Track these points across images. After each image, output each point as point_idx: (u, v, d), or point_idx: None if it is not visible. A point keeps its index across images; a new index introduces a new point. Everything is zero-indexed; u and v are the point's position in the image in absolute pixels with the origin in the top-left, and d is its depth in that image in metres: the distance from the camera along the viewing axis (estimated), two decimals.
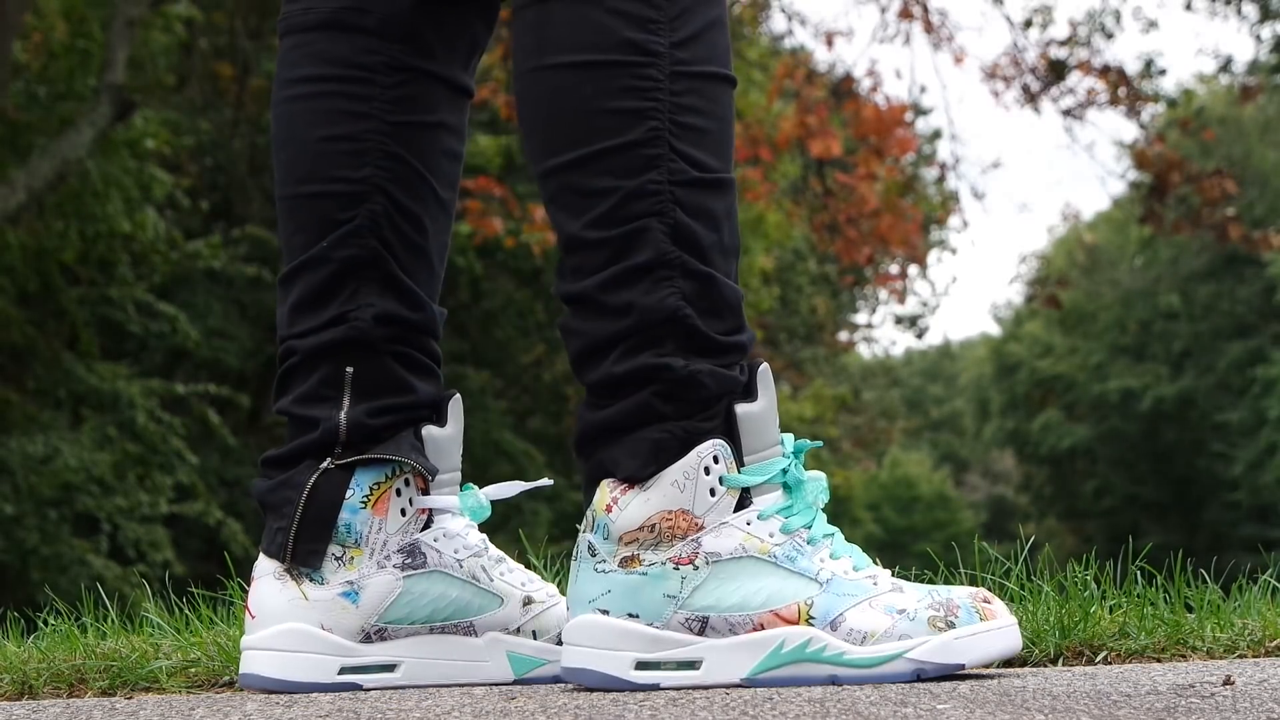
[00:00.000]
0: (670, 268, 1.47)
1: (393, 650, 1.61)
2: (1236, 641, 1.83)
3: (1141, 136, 12.02)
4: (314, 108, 1.64)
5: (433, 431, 1.63)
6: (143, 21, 10.44)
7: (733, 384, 1.48)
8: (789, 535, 1.48)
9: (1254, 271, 24.95)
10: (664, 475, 1.47)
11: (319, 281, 1.63)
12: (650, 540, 1.47)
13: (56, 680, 1.77)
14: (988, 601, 1.48)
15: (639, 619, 1.46)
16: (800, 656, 1.44)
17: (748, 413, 1.48)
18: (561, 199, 1.51)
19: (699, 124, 1.50)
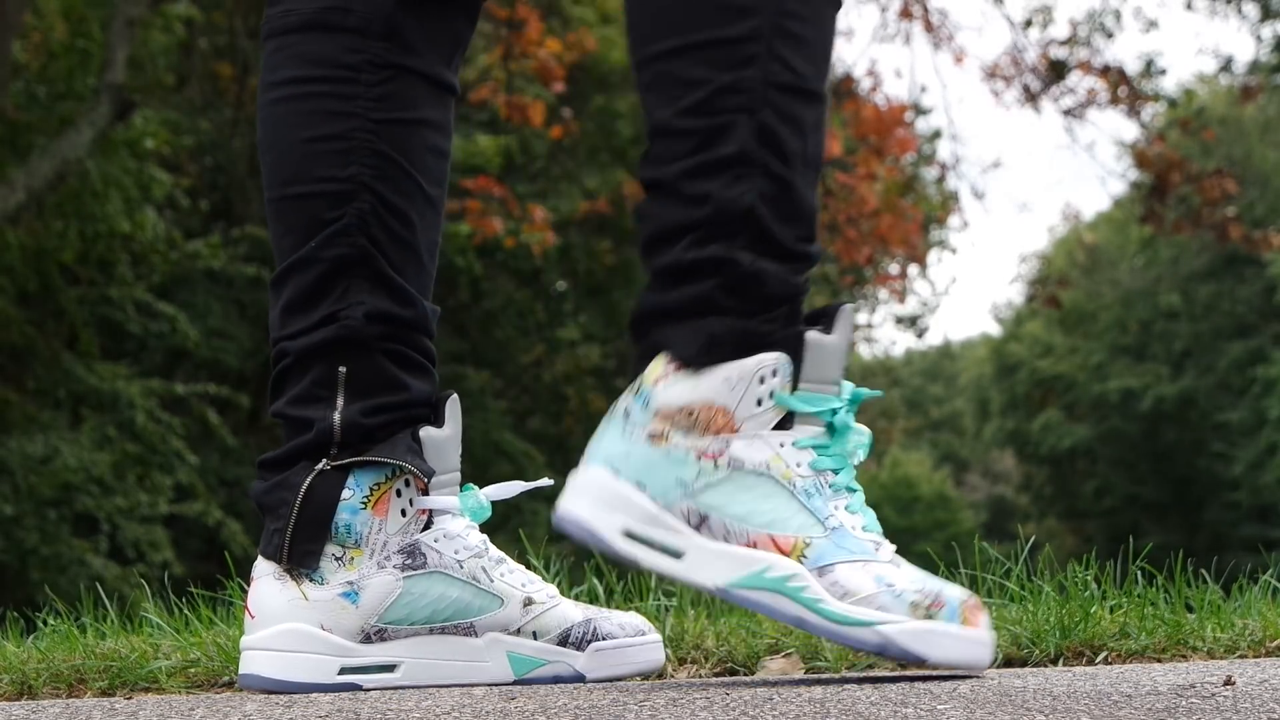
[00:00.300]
0: (752, 165, 1.47)
1: (392, 650, 1.61)
2: (1237, 642, 1.83)
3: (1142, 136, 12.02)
4: (299, 109, 1.65)
5: (430, 432, 1.63)
6: (142, 21, 10.44)
7: (795, 290, 1.48)
8: (815, 472, 1.47)
9: (1254, 271, 24.96)
10: (720, 369, 1.46)
11: (309, 282, 1.63)
12: (685, 424, 1.46)
13: (56, 680, 1.77)
14: (975, 609, 1.46)
15: (645, 491, 1.46)
16: (779, 588, 1.43)
17: (819, 342, 1.47)
18: (656, 85, 1.50)
19: (801, 32, 1.49)
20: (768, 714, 1.22)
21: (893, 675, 1.55)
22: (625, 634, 1.65)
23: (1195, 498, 27.03)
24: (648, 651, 1.66)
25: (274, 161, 1.66)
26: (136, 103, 10.40)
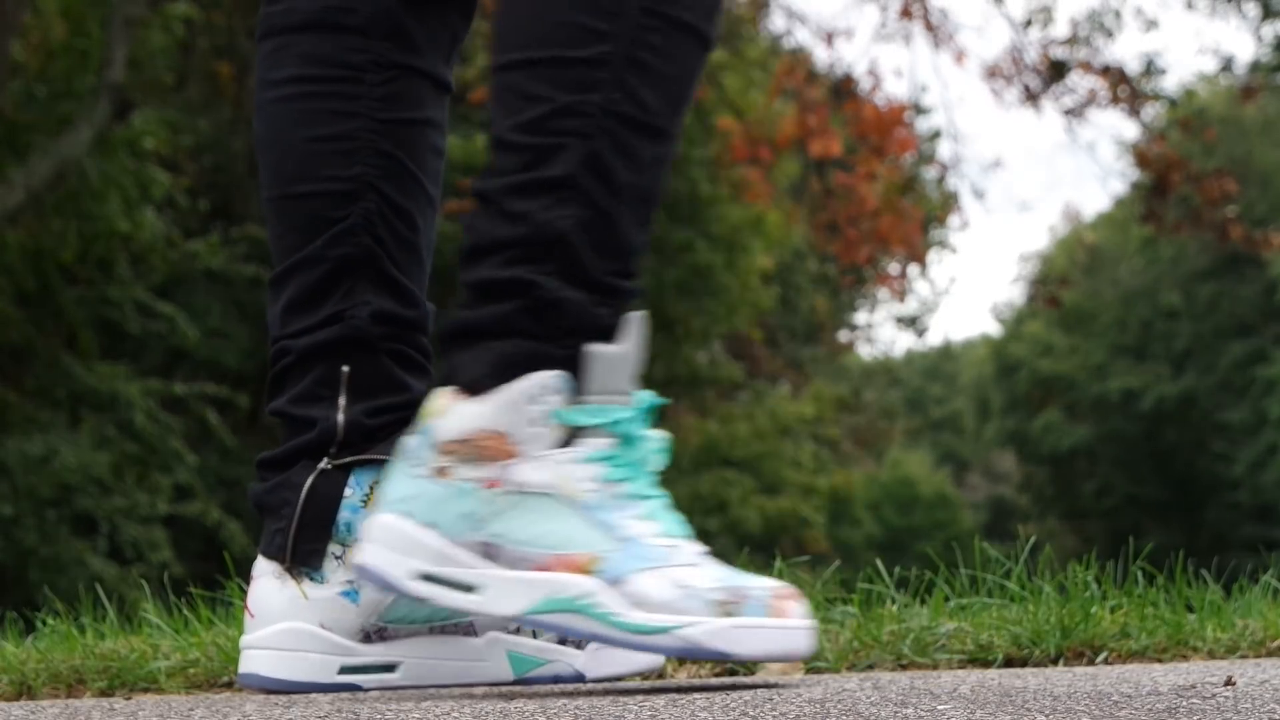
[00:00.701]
0: (575, 191, 1.45)
1: (393, 650, 1.59)
2: (1238, 642, 1.82)
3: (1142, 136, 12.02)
4: (302, 108, 1.65)
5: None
6: (141, 21, 10.45)
7: (596, 321, 1.45)
8: (603, 485, 1.44)
9: (1255, 271, 24.96)
10: (495, 394, 1.44)
11: (313, 281, 1.62)
12: (466, 455, 1.45)
13: (55, 681, 1.76)
14: (784, 598, 1.42)
15: (435, 530, 1.45)
16: (572, 607, 1.41)
17: (601, 352, 1.45)
18: (501, 96, 1.49)
19: (655, 65, 1.47)
20: (768, 714, 1.22)
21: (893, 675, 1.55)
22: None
23: (1196, 498, 27.03)
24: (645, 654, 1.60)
25: (275, 160, 1.66)
26: (135, 102, 10.41)
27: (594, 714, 1.24)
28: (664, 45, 1.47)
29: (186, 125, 12.85)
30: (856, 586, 2.00)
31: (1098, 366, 28.04)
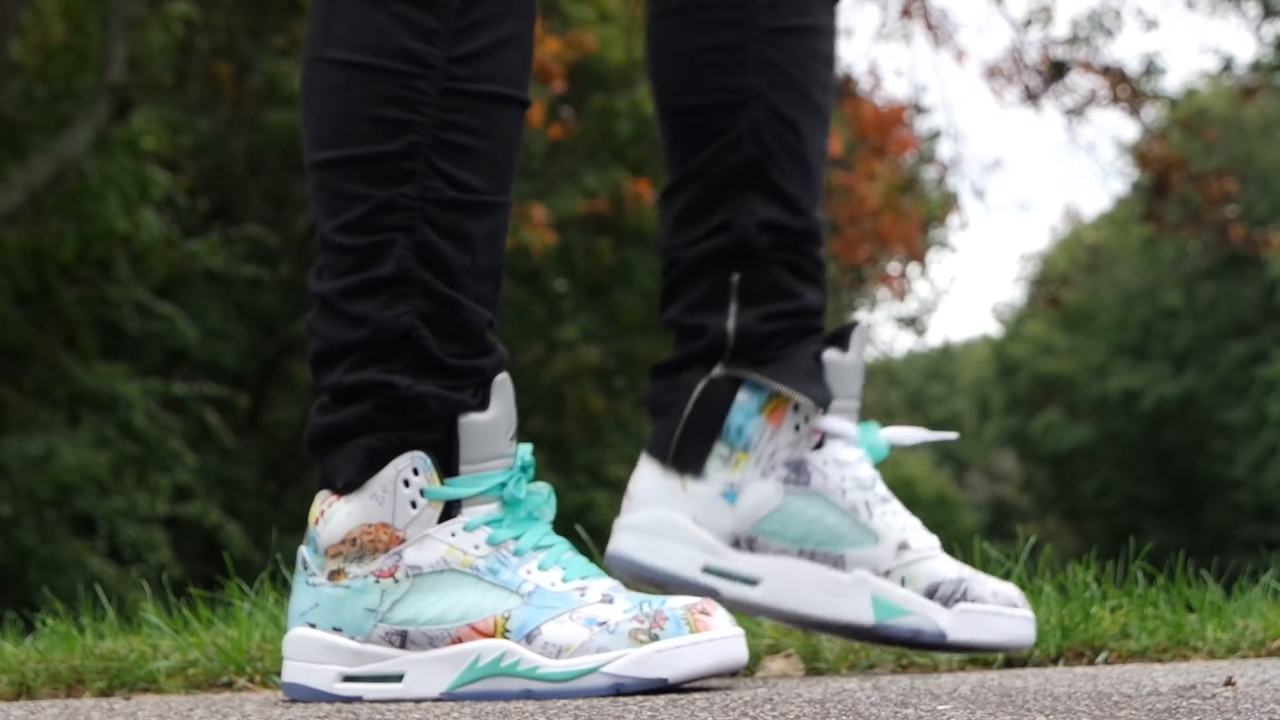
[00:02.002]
0: (411, 285, 1.45)
1: (759, 564, 1.60)
2: (1238, 642, 1.82)
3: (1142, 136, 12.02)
4: (691, 20, 1.66)
5: (834, 356, 1.64)
6: (141, 21, 10.44)
7: (458, 407, 1.46)
8: (494, 547, 1.45)
9: (1255, 271, 24.96)
10: (364, 489, 1.45)
11: (702, 191, 1.65)
12: (354, 553, 1.45)
13: (55, 681, 1.76)
14: (705, 613, 1.40)
15: (343, 633, 1.45)
16: (495, 670, 1.41)
17: (471, 422, 1.45)
18: (319, 196, 1.49)
19: (467, 143, 1.45)
20: (768, 714, 1.22)
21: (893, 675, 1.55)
22: (996, 601, 1.58)
23: (1196, 498, 27.03)
24: (1016, 625, 1.59)
25: (665, 72, 1.68)
26: (135, 102, 10.40)
27: (594, 714, 1.24)
28: (473, 121, 1.46)
29: (186, 125, 12.85)
30: None
31: (1098, 366, 28.03)
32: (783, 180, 1.64)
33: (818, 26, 1.66)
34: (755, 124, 1.63)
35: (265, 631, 1.86)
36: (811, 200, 1.66)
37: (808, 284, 1.65)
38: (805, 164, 1.65)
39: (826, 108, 1.68)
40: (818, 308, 1.64)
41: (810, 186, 1.66)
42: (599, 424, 13.73)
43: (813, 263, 1.65)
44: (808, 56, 1.65)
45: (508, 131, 1.48)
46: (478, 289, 1.48)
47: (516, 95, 1.49)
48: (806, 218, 1.65)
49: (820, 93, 1.66)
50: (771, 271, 1.63)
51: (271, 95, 13.37)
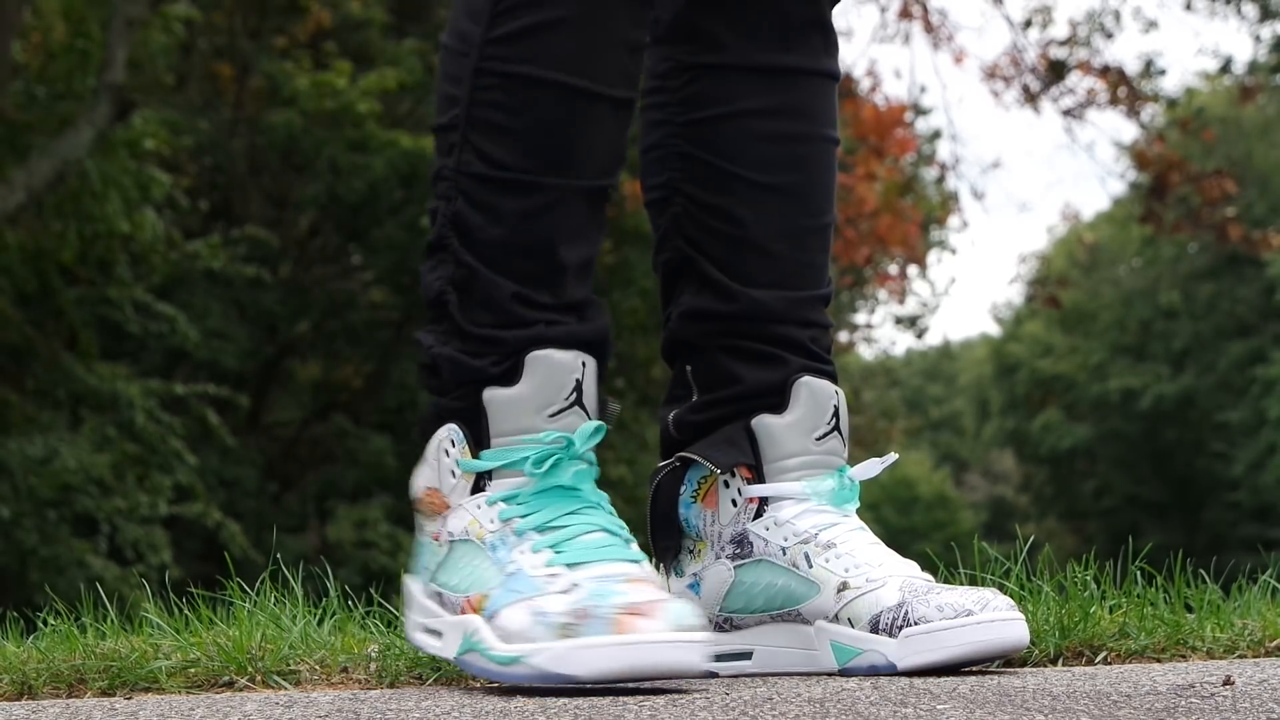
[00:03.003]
0: (445, 252, 1.53)
1: (745, 639, 1.63)
2: (1236, 642, 1.83)
3: (1141, 136, 12.02)
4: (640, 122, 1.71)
5: (765, 420, 1.63)
6: (142, 21, 10.44)
7: (474, 374, 1.49)
8: (503, 523, 1.48)
9: (1254, 271, 24.96)
10: (426, 453, 1.53)
11: (660, 287, 1.71)
12: (422, 512, 1.55)
13: (56, 680, 1.76)
14: (638, 614, 1.36)
15: (419, 583, 1.55)
16: (470, 646, 1.45)
17: (497, 396, 1.48)
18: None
19: (500, 121, 1.50)
20: (768, 714, 1.22)
21: (892, 675, 1.55)
22: (941, 616, 1.52)
23: (1195, 498, 27.02)
24: (970, 634, 1.50)
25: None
26: (136, 103, 10.40)
27: (594, 714, 1.24)
28: (506, 99, 1.50)
29: (187, 126, 12.85)
30: None
31: (1097, 366, 28.03)
32: (712, 268, 1.64)
33: (748, 110, 1.64)
34: (677, 218, 1.66)
35: (266, 631, 1.86)
36: (758, 280, 1.64)
37: (752, 364, 1.64)
38: (749, 245, 1.64)
39: (789, 184, 1.65)
40: (763, 388, 1.63)
41: (767, 265, 1.64)
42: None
43: (765, 341, 1.64)
44: (743, 140, 1.64)
45: (546, 114, 1.50)
46: (507, 262, 1.50)
47: (558, 79, 1.49)
48: (740, 300, 1.64)
49: (771, 171, 1.64)
50: (713, 358, 1.65)
51: (272, 96, 13.37)
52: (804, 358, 1.65)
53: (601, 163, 1.53)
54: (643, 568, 1.45)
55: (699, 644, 1.37)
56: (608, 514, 1.50)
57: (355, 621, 1.94)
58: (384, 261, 13.70)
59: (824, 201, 1.69)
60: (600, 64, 1.50)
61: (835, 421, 1.66)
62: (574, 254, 1.53)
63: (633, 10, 1.52)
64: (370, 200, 13.19)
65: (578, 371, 1.50)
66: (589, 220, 1.54)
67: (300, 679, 1.71)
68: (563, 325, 1.52)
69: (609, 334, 1.57)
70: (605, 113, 1.51)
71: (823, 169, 1.68)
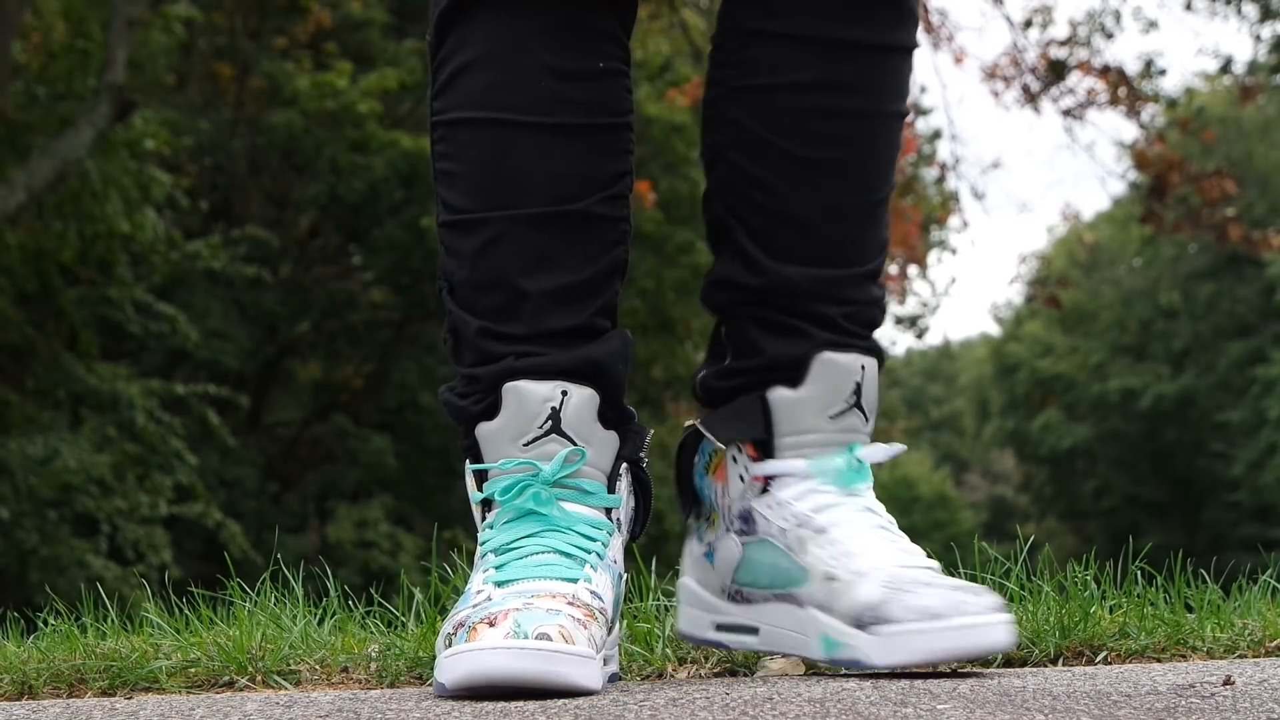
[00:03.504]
0: (442, 300, 1.61)
1: (753, 614, 1.63)
2: (1237, 641, 1.83)
3: (1141, 136, 12.02)
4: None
5: (779, 394, 1.61)
6: (142, 22, 10.45)
7: (463, 413, 1.57)
8: (481, 549, 1.55)
9: (1254, 271, 24.97)
10: None
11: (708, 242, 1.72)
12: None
13: (56, 680, 1.76)
14: (489, 623, 1.40)
15: None
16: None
17: (484, 430, 1.55)
18: None
19: (449, 168, 1.58)
20: (768, 714, 1.23)
21: (891, 675, 1.55)
22: (910, 618, 1.48)
23: (1195, 498, 27.03)
24: (936, 640, 1.46)
25: None
26: (136, 103, 10.41)
27: (594, 714, 1.24)
28: (449, 148, 1.58)
29: (187, 126, 12.86)
30: None
31: (1097, 366, 28.03)
32: (746, 238, 1.63)
33: (798, 83, 1.61)
34: (720, 182, 1.66)
35: (266, 631, 1.87)
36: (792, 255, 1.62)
37: (778, 337, 1.62)
38: (786, 220, 1.62)
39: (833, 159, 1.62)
40: (788, 360, 1.61)
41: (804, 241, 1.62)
42: None
43: (788, 315, 1.62)
44: (790, 113, 1.61)
45: (479, 151, 1.56)
46: (473, 301, 1.57)
47: (481, 116, 1.55)
48: (767, 275, 1.62)
49: (816, 146, 1.61)
50: (742, 326, 1.64)
51: (272, 96, 13.37)
52: (832, 333, 1.62)
53: (546, 190, 1.55)
54: (578, 585, 1.48)
55: (530, 651, 1.37)
56: (578, 535, 1.52)
57: (355, 621, 1.94)
58: (384, 261, 13.70)
59: (874, 177, 1.65)
60: (521, 95, 1.55)
61: (855, 399, 1.62)
62: (540, 283, 1.55)
63: (550, 39, 1.55)
64: (370, 200, 13.20)
65: (554, 400, 1.53)
66: (555, 247, 1.56)
67: (300, 679, 1.71)
68: (536, 356, 1.55)
69: (608, 358, 1.57)
70: (539, 141, 1.55)
71: (875, 145, 1.64)
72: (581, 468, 1.54)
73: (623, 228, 1.61)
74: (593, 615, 1.46)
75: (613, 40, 1.59)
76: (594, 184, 1.57)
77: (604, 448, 1.56)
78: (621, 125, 1.60)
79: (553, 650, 1.37)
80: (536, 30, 1.54)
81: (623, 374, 1.60)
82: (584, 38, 1.56)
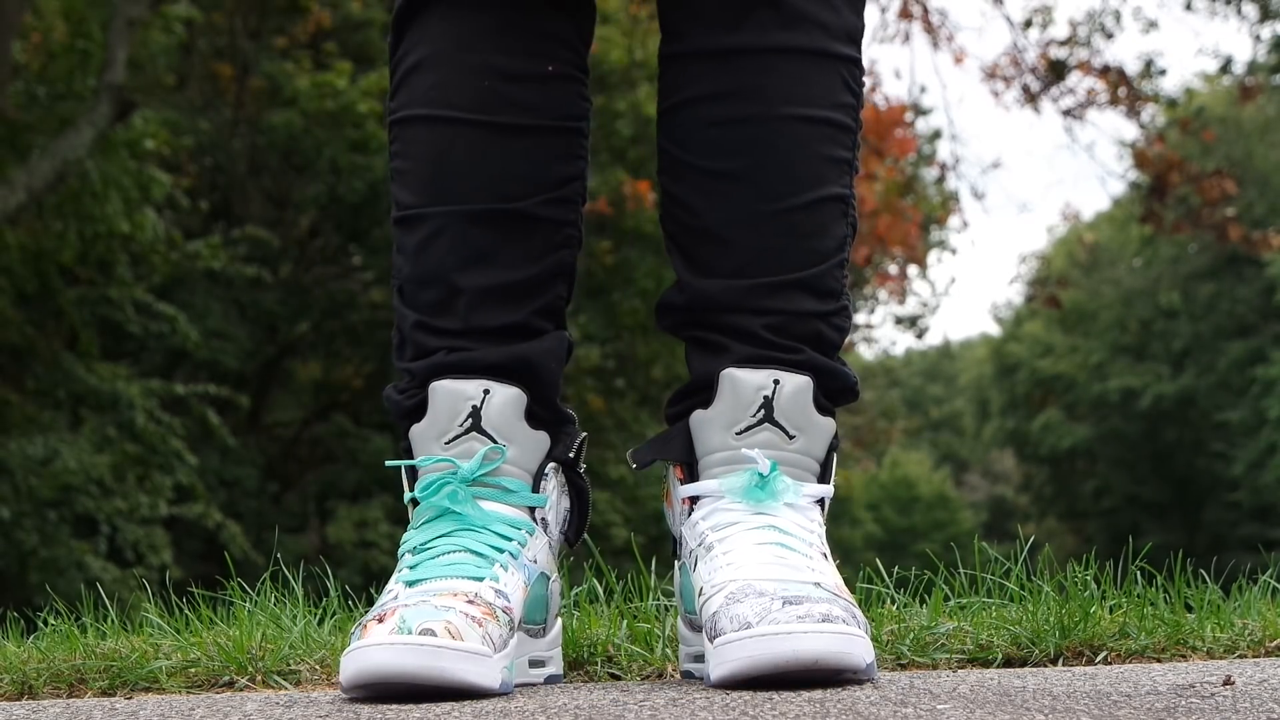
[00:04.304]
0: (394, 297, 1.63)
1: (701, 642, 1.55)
2: (1237, 641, 1.83)
3: (1141, 136, 12.02)
4: None
5: (697, 415, 1.57)
6: (142, 22, 10.45)
7: (400, 410, 1.58)
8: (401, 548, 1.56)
9: (1254, 271, 24.96)
10: None
11: None
12: None
13: (56, 680, 1.77)
14: (378, 620, 1.40)
15: None
16: None
17: (415, 430, 1.56)
18: None
19: (400, 166, 1.60)
20: (768, 714, 1.22)
21: (892, 675, 1.55)
22: (731, 628, 1.42)
23: (1195, 498, 27.03)
24: (744, 648, 1.39)
25: None
26: (136, 103, 10.41)
27: (594, 714, 1.24)
28: (399, 146, 1.61)
29: (187, 126, 12.86)
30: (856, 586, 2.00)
31: (1097, 366, 28.03)
32: (677, 257, 1.61)
33: (696, 96, 1.59)
34: (660, 207, 1.65)
35: (267, 631, 1.87)
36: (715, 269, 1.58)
37: (700, 355, 1.59)
38: (703, 234, 1.59)
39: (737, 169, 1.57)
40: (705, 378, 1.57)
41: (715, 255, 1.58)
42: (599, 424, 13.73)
43: (707, 330, 1.59)
44: (693, 127, 1.59)
45: (425, 148, 1.58)
46: (415, 295, 1.59)
47: (426, 113, 1.57)
48: (687, 291, 1.59)
49: (718, 157, 1.58)
50: (686, 348, 1.62)
51: (272, 96, 13.37)
52: (754, 346, 1.56)
53: (487, 188, 1.56)
54: (482, 584, 1.47)
55: (413, 647, 1.37)
56: (493, 534, 1.52)
57: (355, 621, 1.94)
58: (384, 261, 13.70)
59: (786, 184, 1.58)
60: (465, 93, 1.57)
61: (764, 414, 1.54)
62: (475, 279, 1.56)
63: (498, 40, 1.56)
64: (370, 200, 13.20)
65: (475, 399, 1.53)
66: (494, 245, 1.56)
67: (300, 679, 1.71)
68: (465, 351, 1.56)
69: (540, 357, 1.56)
70: (481, 139, 1.56)
71: (778, 150, 1.58)
72: (502, 466, 1.54)
73: (569, 232, 1.61)
74: (492, 614, 1.45)
75: (565, 45, 1.59)
76: (538, 185, 1.57)
77: (530, 447, 1.55)
78: (572, 130, 1.60)
79: (436, 646, 1.37)
80: (485, 31, 1.56)
81: (556, 374, 1.59)
82: (532, 40, 1.57)
